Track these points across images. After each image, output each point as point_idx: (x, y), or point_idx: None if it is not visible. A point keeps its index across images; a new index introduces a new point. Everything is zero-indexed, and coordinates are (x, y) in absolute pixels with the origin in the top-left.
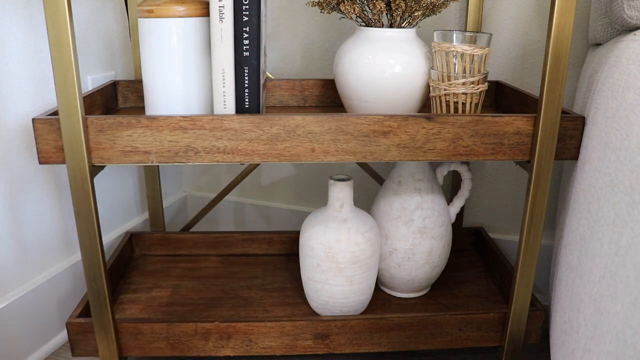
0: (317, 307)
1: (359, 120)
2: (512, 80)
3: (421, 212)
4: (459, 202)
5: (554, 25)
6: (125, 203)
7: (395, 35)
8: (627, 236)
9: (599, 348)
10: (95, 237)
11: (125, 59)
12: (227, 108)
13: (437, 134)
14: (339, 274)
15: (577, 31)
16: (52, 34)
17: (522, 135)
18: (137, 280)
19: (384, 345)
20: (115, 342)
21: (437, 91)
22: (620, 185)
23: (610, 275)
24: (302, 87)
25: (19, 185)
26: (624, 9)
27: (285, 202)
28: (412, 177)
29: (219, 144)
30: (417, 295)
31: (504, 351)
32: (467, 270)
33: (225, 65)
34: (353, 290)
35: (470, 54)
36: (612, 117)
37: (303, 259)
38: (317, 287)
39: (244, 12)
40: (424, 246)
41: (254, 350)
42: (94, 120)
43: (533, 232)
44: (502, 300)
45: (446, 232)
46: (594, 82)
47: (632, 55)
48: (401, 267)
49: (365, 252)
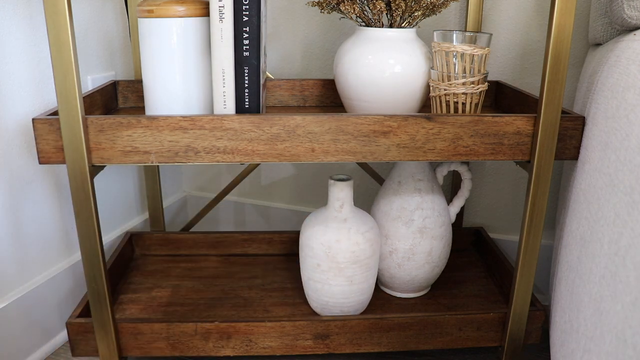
0: (317, 307)
1: (359, 120)
2: (512, 80)
3: (421, 212)
4: (459, 202)
5: (554, 25)
6: (125, 203)
7: (395, 35)
8: (627, 236)
9: (599, 348)
10: (95, 237)
11: (125, 59)
12: (227, 108)
13: (437, 134)
14: (339, 274)
15: (577, 31)
16: (52, 34)
17: (522, 135)
18: (137, 280)
19: (384, 345)
20: (115, 342)
21: (437, 91)
22: (620, 185)
23: (610, 275)
24: (302, 87)
25: (19, 185)
26: (624, 9)
27: (285, 202)
28: (412, 177)
29: (219, 144)
30: (417, 295)
31: (504, 351)
32: (467, 270)
33: (225, 65)
34: (353, 290)
35: (470, 54)
36: (612, 117)
37: (303, 259)
38: (317, 287)
39: (244, 12)
40: (424, 246)
41: (254, 350)
42: (94, 120)
43: (533, 232)
44: (502, 300)
45: (446, 232)
46: (594, 82)
47: (632, 55)
48: (401, 267)
49: (365, 252)
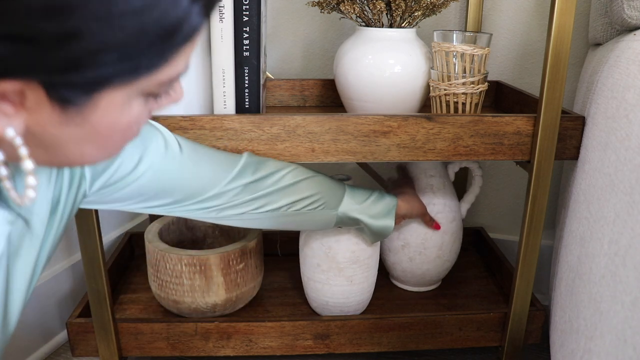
0: (317, 307)
1: (359, 120)
2: (512, 80)
3: (433, 207)
4: (469, 198)
5: (554, 25)
6: None
7: (395, 35)
8: (627, 236)
9: (599, 348)
10: (95, 237)
11: None
12: (227, 108)
13: (437, 134)
14: (339, 273)
15: (577, 31)
16: None
17: (522, 135)
18: (137, 280)
19: (384, 345)
20: (115, 342)
21: (437, 91)
22: (620, 185)
23: (610, 275)
24: (302, 87)
25: None
26: (624, 9)
27: None
28: (425, 173)
29: (219, 144)
30: (428, 289)
31: (504, 351)
32: (467, 270)
33: (225, 65)
34: (353, 290)
35: (470, 54)
36: (612, 117)
37: (303, 259)
38: (317, 287)
39: (244, 12)
40: (435, 240)
41: (254, 350)
42: None
43: (533, 232)
44: (502, 300)
45: (457, 228)
46: (594, 82)
47: (632, 55)
48: (413, 261)
49: (365, 251)
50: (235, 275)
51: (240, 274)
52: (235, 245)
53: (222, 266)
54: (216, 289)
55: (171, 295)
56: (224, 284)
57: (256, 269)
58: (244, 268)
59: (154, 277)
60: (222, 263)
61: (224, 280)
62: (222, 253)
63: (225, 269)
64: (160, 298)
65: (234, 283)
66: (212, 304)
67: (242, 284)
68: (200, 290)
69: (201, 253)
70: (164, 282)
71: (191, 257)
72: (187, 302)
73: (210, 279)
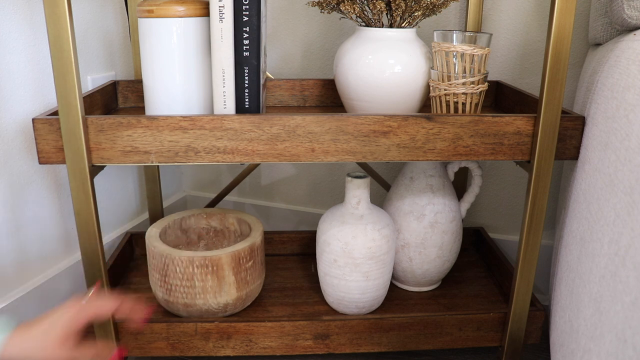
0: (333, 303)
1: (359, 120)
2: (512, 80)
3: (433, 207)
4: (469, 198)
5: (554, 25)
6: (125, 203)
7: (395, 35)
8: (627, 236)
9: (599, 348)
10: (95, 237)
11: (125, 59)
12: (227, 108)
13: (437, 134)
14: (355, 269)
15: (577, 31)
16: (52, 34)
17: (522, 135)
18: (137, 280)
19: (384, 345)
20: (115, 342)
21: (437, 91)
22: (620, 185)
23: (610, 275)
24: (302, 87)
25: (19, 185)
26: (624, 9)
27: (285, 202)
28: (424, 173)
29: (219, 144)
30: (428, 289)
31: (504, 351)
32: (467, 270)
33: (225, 65)
34: (369, 285)
35: (470, 54)
36: (612, 117)
37: (320, 254)
38: (333, 282)
39: (244, 12)
40: (435, 240)
41: (254, 350)
42: (94, 120)
43: (533, 232)
44: (502, 300)
45: (457, 227)
46: (594, 82)
47: (632, 55)
48: (413, 261)
49: (381, 248)
50: (245, 273)
51: (249, 271)
52: (244, 243)
53: (233, 265)
54: (228, 288)
55: (181, 299)
56: (235, 283)
57: (262, 265)
58: (253, 265)
59: (160, 283)
60: (233, 262)
61: (235, 279)
62: (233, 252)
63: (236, 267)
64: (168, 303)
65: (244, 281)
66: (223, 303)
67: (251, 281)
68: (212, 291)
69: (213, 253)
70: (173, 287)
71: (203, 258)
72: (199, 304)
73: (222, 278)
